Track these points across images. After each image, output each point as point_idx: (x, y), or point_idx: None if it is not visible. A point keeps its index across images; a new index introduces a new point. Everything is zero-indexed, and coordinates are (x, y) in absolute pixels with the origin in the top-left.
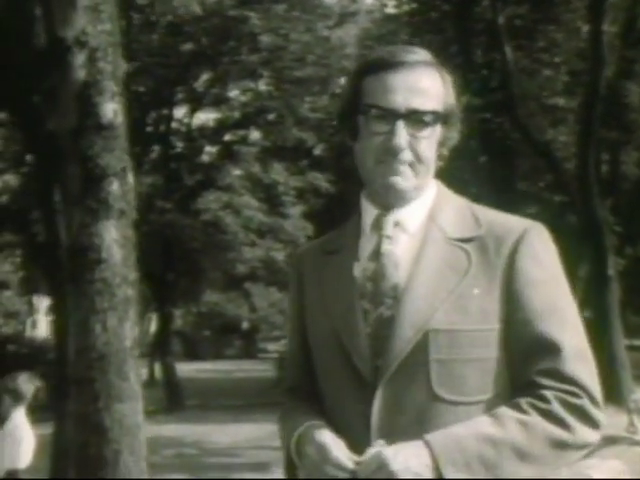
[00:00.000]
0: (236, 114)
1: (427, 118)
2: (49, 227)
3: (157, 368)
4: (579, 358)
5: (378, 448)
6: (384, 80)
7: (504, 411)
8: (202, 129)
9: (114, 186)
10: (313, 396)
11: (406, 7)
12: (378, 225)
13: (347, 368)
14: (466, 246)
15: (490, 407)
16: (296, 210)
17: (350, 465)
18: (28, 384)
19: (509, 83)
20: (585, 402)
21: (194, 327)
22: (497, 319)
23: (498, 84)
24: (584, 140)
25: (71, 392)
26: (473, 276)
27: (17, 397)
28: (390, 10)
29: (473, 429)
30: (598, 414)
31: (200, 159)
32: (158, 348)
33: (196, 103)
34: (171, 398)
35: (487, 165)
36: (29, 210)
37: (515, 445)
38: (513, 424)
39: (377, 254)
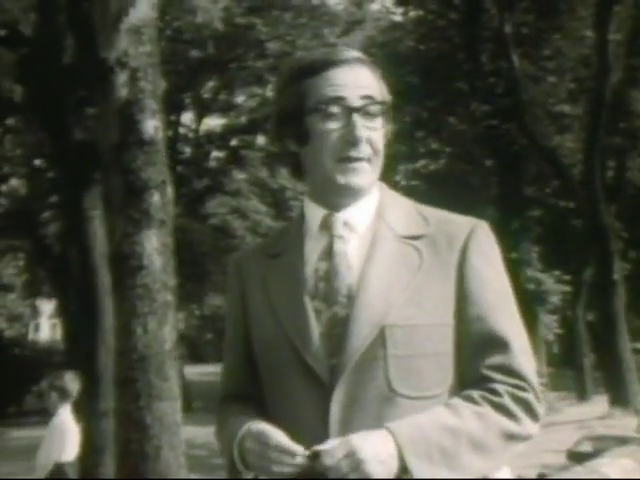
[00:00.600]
0: (243, 120)
1: (377, 109)
2: (77, 233)
3: None
4: (525, 354)
5: (340, 439)
6: (331, 77)
7: (460, 403)
8: (209, 135)
9: (155, 198)
10: (255, 403)
11: (413, 14)
12: (327, 225)
13: (300, 369)
14: (416, 243)
15: (445, 401)
16: None
17: (297, 448)
18: (74, 382)
19: (516, 91)
20: (530, 396)
21: (197, 330)
22: (451, 315)
23: (504, 91)
24: (590, 147)
25: (114, 392)
26: (426, 272)
27: (64, 394)
28: (397, 17)
29: (434, 419)
30: (540, 407)
31: (207, 164)
32: None
33: (203, 109)
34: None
35: (494, 170)
36: (37, 214)
37: (471, 435)
38: (470, 415)
39: (329, 254)
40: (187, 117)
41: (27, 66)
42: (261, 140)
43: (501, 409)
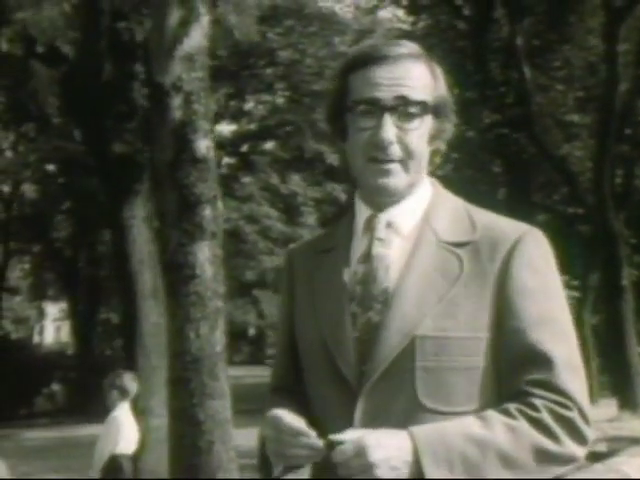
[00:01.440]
0: (253, 126)
1: (414, 109)
2: (117, 240)
3: None
4: (571, 370)
5: (359, 432)
6: (369, 74)
7: (492, 414)
8: (220, 141)
9: (207, 211)
10: (299, 397)
11: (423, 24)
12: (370, 226)
13: (332, 372)
14: (459, 251)
15: None
16: (314, 219)
17: (310, 432)
18: (132, 382)
19: (527, 101)
20: (575, 415)
21: None
22: (487, 327)
23: (514, 100)
24: (600, 155)
25: (167, 391)
26: (464, 283)
27: (123, 393)
28: (405, 27)
29: (460, 428)
30: (587, 429)
31: (219, 170)
32: None
33: (215, 116)
34: None
35: (503, 178)
36: (48, 218)
37: (500, 449)
38: (500, 428)
39: (368, 257)
40: None
41: (68, 82)
42: (270, 146)
43: (538, 425)
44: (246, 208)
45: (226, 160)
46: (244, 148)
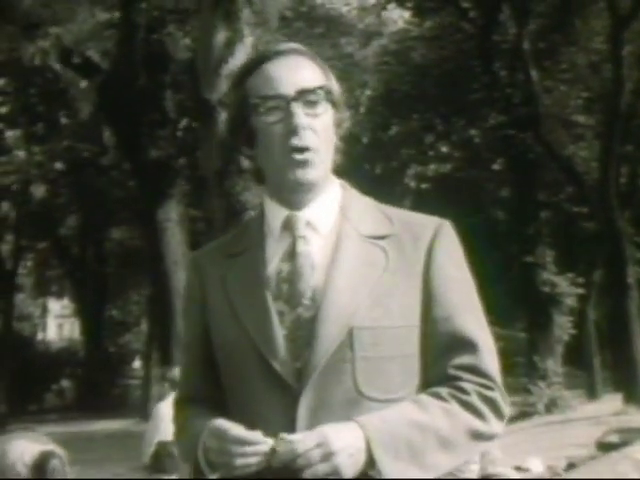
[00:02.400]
0: None
1: (318, 95)
2: (152, 242)
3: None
4: (492, 354)
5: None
6: (266, 72)
7: (428, 399)
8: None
9: None
10: (216, 405)
11: (429, 23)
12: (289, 225)
13: (265, 373)
14: (382, 243)
15: None
16: None
17: (259, 437)
18: None
19: (534, 103)
20: (497, 395)
21: None
22: (418, 316)
23: (520, 101)
24: (605, 156)
25: None
26: (392, 272)
27: (173, 385)
28: (412, 27)
29: (403, 415)
30: (505, 407)
31: None
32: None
33: None
34: None
35: (507, 176)
36: (57, 216)
37: (439, 433)
38: (438, 412)
39: (292, 255)
40: None
41: (104, 92)
42: None
43: (469, 407)
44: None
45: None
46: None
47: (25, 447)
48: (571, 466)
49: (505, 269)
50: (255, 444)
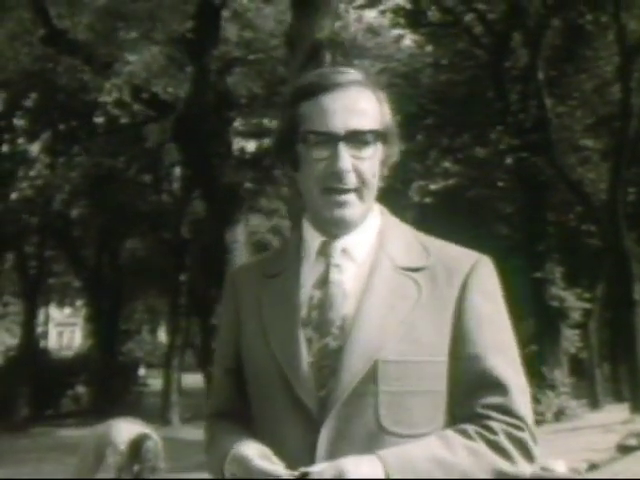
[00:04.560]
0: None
1: (368, 137)
2: (220, 261)
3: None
4: (522, 394)
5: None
6: (320, 104)
7: (453, 436)
8: (241, 154)
9: None
10: (245, 422)
11: (442, 49)
12: (324, 252)
13: (288, 397)
14: (415, 275)
15: None
16: None
17: (281, 471)
18: None
19: (547, 128)
20: (527, 436)
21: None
22: (446, 351)
23: (532, 125)
24: (614, 179)
25: None
26: (423, 306)
27: None
28: (427, 50)
29: (425, 450)
30: (535, 448)
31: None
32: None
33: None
34: None
35: (514, 194)
36: (76, 230)
37: (463, 471)
38: (462, 450)
39: (324, 282)
40: None
41: (179, 126)
42: None
43: (496, 447)
44: (270, 222)
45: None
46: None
47: (125, 428)
48: (592, 467)
49: (507, 283)
50: (278, 477)
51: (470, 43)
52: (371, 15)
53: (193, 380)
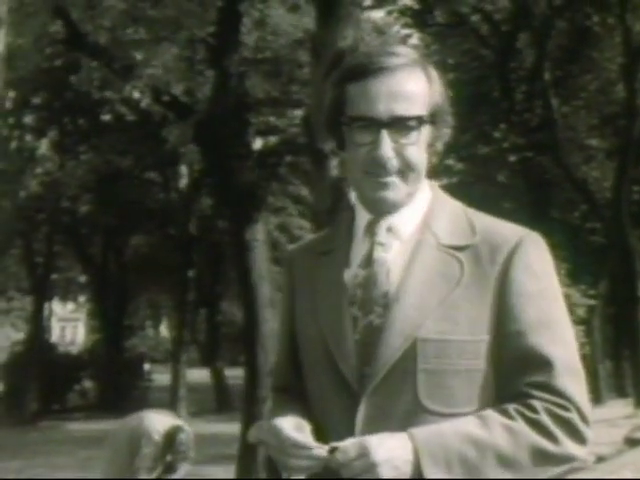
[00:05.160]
0: (273, 139)
1: (412, 124)
2: (241, 260)
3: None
4: (570, 373)
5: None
6: (365, 88)
7: (491, 414)
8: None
9: None
10: (301, 396)
11: (441, 43)
12: (371, 231)
13: (333, 374)
14: (459, 254)
15: None
16: None
17: (311, 443)
18: None
19: (553, 128)
20: (574, 416)
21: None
22: (487, 330)
23: (538, 125)
24: (619, 178)
25: None
26: (465, 286)
27: None
28: (434, 47)
29: (458, 428)
30: (586, 430)
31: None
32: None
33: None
34: (221, 400)
35: (526, 195)
36: (84, 226)
37: (498, 450)
38: (499, 428)
39: (369, 261)
40: None
41: (201, 129)
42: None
43: (536, 426)
44: (279, 219)
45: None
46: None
47: (159, 420)
48: (600, 459)
49: None
50: (308, 448)
51: (476, 43)
52: (378, 15)
53: (198, 375)
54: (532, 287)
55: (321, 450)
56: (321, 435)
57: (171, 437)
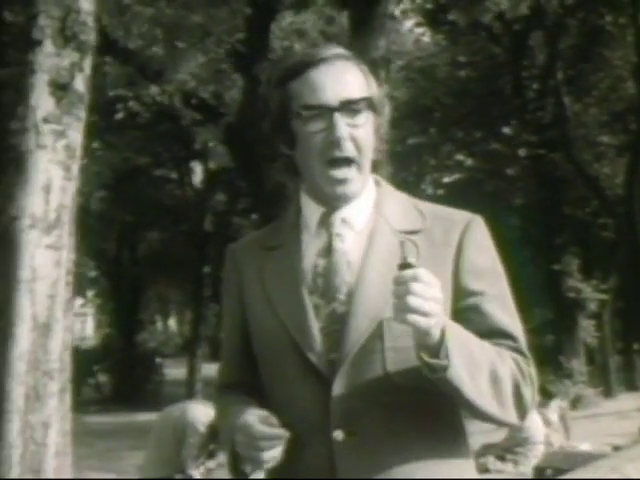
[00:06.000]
0: None
1: (360, 105)
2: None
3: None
4: (524, 340)
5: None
6: (310, 79)
7: (502, 351)
8: None
9: None
10: (253, 390)
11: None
12: (325, 223)
13: (300, 363)
14: (413, 237)
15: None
16: None
17: (278, 433)
18: None
19: (565, 126)
20: (533, 373)
21: (217, 329)
22: (448, 308)
23: (550, 122)
24: (630, 174)
25: None
26: (422, 266)
27: None
28: (441, 51)
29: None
30: (534, 385)
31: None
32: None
33: None
34: None
35: (537, 192)
36: (98, 222)
37: (493, 361)
38: (508, 359)
39: (328, 251)
40: None
41: (230, 132)
42: None
43: (516, 363)
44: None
45: None
46: None
47: (202, 411)
48: (616, 448)
49: (517, 274)
50: (279, 438)
51: (489, 42)
52: None
53: (207, 370)
54: (485, 264)
55: (285, 434)
56: (289, 424)
57: (214, 427)
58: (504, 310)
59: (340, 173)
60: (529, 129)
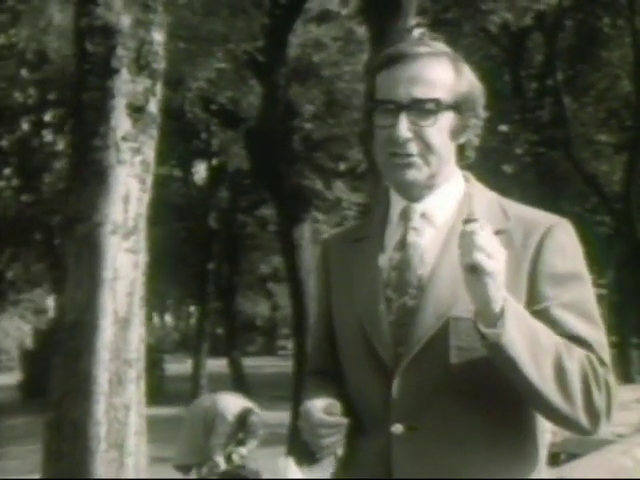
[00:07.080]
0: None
1: (429, 106)
2: (290, 257)
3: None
4: (605, 349)
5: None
6: (390, 74)
7: (573, 347)
8: None
9: None
10: (336, 377)
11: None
12: (405, 216)
13: (369, 353)
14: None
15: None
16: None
17: (335, 421)
18: None
19: (565, 125)
20: (612, 380)
21: (214, 325)
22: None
23: (549, 121)
24: (628, 173)
25: None
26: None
27: None
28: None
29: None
30: (615, 397)
31: None
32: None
33: None
34: (240, 390)
35: (535, 188)
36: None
37: (558, 352)
38: (576, 351)
39: (403, 244)
40: None
41: (250, 136)
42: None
43: (589, 362)
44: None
45: None
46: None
47: (232, 401)
48: (619, 436)
49: None
50: (338, 427)
51: (487, 42)
52: None
53: (210, 366)
54: (564, 268)
55: (345, 422)
56: (359, 413)
57: (243, 418)
58: (581, 317)
59: (401, 161)
60: (529, 128)
